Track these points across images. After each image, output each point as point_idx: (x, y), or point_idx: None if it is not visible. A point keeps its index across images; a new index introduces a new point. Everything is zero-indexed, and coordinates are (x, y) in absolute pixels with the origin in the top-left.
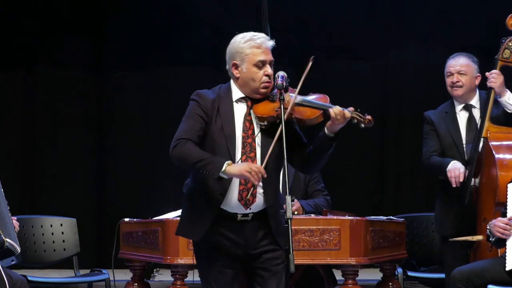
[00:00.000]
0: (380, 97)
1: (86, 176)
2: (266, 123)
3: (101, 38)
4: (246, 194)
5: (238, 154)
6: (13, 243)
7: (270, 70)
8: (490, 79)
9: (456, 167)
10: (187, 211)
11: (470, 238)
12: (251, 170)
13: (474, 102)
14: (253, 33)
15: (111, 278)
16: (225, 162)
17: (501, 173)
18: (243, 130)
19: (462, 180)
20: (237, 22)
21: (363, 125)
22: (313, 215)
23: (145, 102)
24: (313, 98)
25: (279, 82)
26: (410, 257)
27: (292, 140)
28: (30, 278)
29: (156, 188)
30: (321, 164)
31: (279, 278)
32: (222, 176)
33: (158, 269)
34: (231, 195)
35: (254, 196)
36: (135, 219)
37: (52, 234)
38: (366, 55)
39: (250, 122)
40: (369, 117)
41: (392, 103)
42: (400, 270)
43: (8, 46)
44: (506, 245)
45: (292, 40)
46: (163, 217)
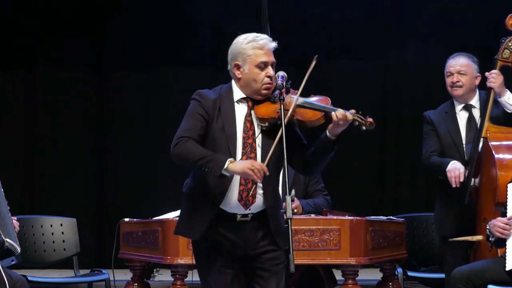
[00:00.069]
0: (380, 97)
1: (86, 176)
2: (267, 124)
3: (101, 38)
4: (246, 195)
5: (239, 154)
6: (13, 243)
7: (272, 72)
8: (489, 79)
9: (456, 167)
10: (187, 211)
11: (470, 238)
12: (254, 168)
13: (474, 102)
14: (255, 34)
15: (111, 278)
16: (227, 160)
17: (500, 173)
18: (244, 131)
19: (462, 180)
20: (237, 22)
21: (365, 127)
22: (313, 215)
23: (145, 102)
24: (314, 100)
25: (279, 82)
26: (410, 257)
27: (292, 141)
28: (30, 278)
29: (156, 188)
30: (321, 166)
31: (279, 279)
32: (224, 173)
33: (158, 269)
34: (231, 195)
35: (254, 196)
36: (135, 219)
37: (52, 234)
38: (366, 55)
39: (251, 122)
40: (370, 119)
41: (392, 103)
42: (400, 270)
43: (8, 46)
44: (506, 245)
45: (292, 40)
46: (163, 217)
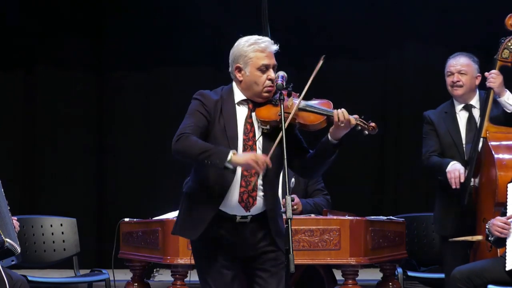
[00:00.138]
0: (380, 97)
1: (86, 176)
2: (268, 127)
3: (101, 38)
4: (247, 196)
5: None
6: (13, 243)
7: (273, 74)
8: (489, 79)
9: (455, 168)
10: (186, 210)
11: (469, 238)
12: (257, 159)
13: (474, 102)
14: (257, 36)
15: (111, 278)
16: (230, 151)
17: (500, 173)
18: (244, 133)
19: (462, 181)
20: (237, 22)
21: (367, 132)
22: (313, 215)
23: (145, 102)
24: (316, 103)
25: (279, 82)
26: (410, 257)
27: (293, 144)
28: (30, 278)
29: (156, 188)
30: (321, 169)
31: (279, 279)
32: (228, 166)
33: (158, 269)
34: (232, 197)
35: (255, 198)
36: (135, 219)
37: (52, 234)
38: (366, 55)
39: (251, 124)
40: (373, 124)
41: (392, 103)
42: (400, 270)
43: (8, 46)
44: (506, 245)
45: (292, 40)
46: (163, 217)
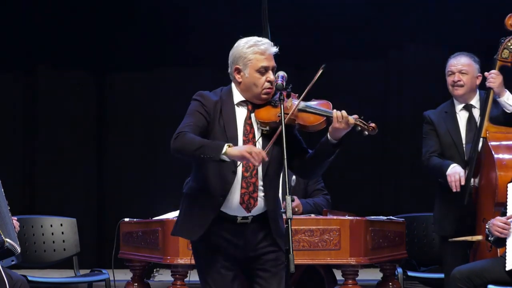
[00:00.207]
0: (380, 97)
1: (86, 176)
2: (268, 128)
3: (101, 38)
4: (248, 198)
5: None
6: (13, 243)
7: (272, 76)
8: (489, 79)
9: (456, 171)
10: (186, 211)
11: (469, 238)
12: (252, 152)
13: (474, 102)
14: (257, 38)
15: (111, 278)
16: (225, 144)
17: (500, 173)
18: (244, 134)
19: (463, 184)
20: (237, 22)
21: (367, 132)
22: (313, 215)
23: (145, 102)
24: (315, 104)
25: (279, 82)
26: (410, 257)
27: (292, 145)
28: (30, 278)
29: (156, 188)
30: (321, 170)
31: (280, 279)
32: (223, 158)
33: (158, 269)
34: (233, 198)
35: (255, 199)
36: (135, 219)
37: (52, 234)
38: (366, 55)
39: (251, 126)
40: (373, 124)
41: (392, 103)
42: (400, 270)
43: (8, 46)
44: (506, 245)
45: (292, 40)
46: (163, 217)
